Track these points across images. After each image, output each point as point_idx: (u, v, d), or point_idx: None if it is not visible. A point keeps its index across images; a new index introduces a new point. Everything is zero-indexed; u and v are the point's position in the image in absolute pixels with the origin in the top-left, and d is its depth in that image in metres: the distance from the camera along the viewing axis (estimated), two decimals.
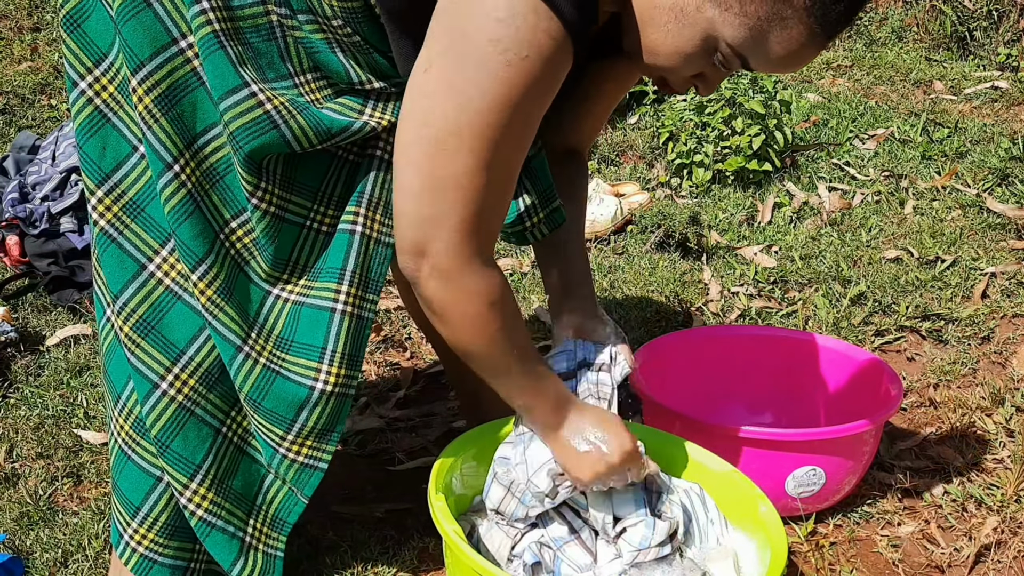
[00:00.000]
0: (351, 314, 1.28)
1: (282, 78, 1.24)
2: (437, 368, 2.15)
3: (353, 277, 1.28)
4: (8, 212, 2.50)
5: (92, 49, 1.27)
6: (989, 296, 2.37)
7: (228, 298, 1.27)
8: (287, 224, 1.28)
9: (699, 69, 1.16)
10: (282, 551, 1.38)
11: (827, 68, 4.20)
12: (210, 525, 1.32)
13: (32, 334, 2.24)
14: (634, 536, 1.30)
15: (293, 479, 1.33)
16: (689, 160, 3.07)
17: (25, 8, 4.16)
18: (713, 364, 1.87)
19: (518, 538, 1.35)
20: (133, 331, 1.28)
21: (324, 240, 1.31)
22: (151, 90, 1.22)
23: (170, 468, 1.30)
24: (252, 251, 1.28)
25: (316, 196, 1.30)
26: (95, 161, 1.28)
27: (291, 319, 1.29)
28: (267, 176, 1.25)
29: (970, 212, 2.78)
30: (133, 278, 1.28)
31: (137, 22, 1.21)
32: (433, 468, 1.35)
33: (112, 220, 1.28)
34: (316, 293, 1.29)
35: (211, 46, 1.20)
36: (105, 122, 1.28)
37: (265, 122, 1.20)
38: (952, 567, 1.57)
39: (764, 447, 1.55)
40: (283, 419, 1.29)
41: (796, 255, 2.57)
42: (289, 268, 1.30)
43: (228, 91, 1.20)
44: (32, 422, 1.92)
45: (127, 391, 1.32)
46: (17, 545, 1.59)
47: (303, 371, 1.28)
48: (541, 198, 1.39)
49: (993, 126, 3.38)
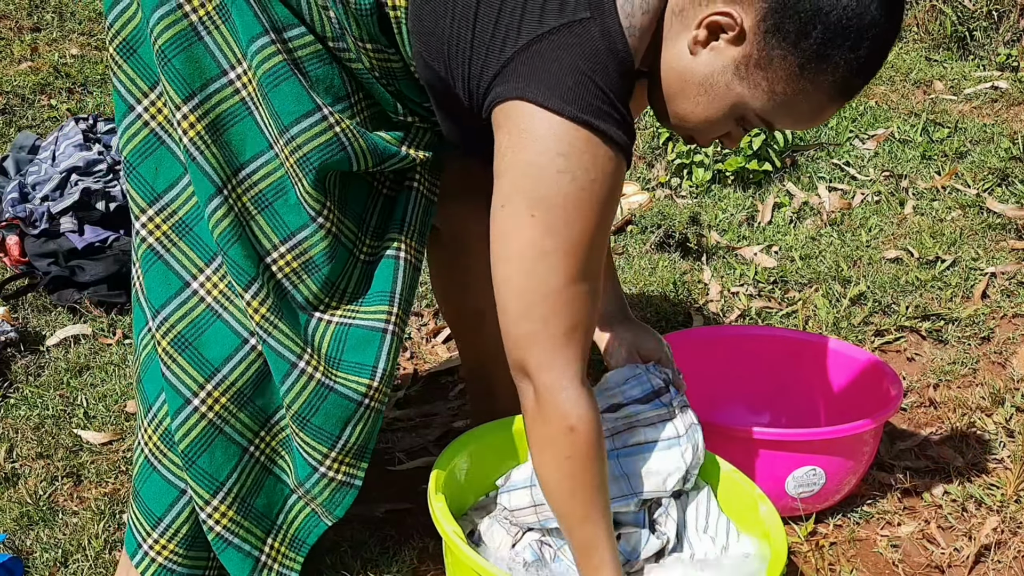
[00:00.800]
0: (396, 334, 1.34)
1: (339, 100, 1.30)
2: (437, 368, 2.15)
3: (400, 299, 1.35)
4: (8, 212, 2.50)
5: (148, 74, 1.32)
6: (989, 296, 2.37)
7: (280, 317, 1.31)
8: (341, 249, 1.34)
9: (726, 130, 1.21)
10: (297, 572, 1.41)
11: None
12: (226, 542, 1.35)
13: (32, 334, 2.24)
14: (627, 544, 1.31)
15: (327, 499, 1.37)
16: (689, 160, 3.07)
17: (25, 8, 4.16)
18: (713, 364, 1.87)
19: (518, 536, 1.35)
20: (171, 346, 1.31)
21: (366, 270, 1.37)
22: (202, 118, 1.27)
23: (194, 483, 1.32)
24: (301, 275, 1.33)
25: (360, 224, 1.36)
26: (148, 181, 1.33)
27: (336, 339, 1.34)
28: (330, 196, 1.31)
29: (970, 212, 2.78)
30: (176, 294, 1.32)
31: (188, 54, 1.27)
32: (433, 468, 1.35)
33: (160, 238, 1.33)
34: (365, 315, 1.34)
35: (284, 74, 1.26)
36: (160, 144, 1.33)
37: (336, 144, 1.27)
38: (952, 567, 1.57)
39: (764, 447, 1.55)
40: (329, 435, 1.33)
41: (796, 255, 2.57)
42: (336, 293, 1.35)
43: (303, 115, 1.26)
44: (32, 422, 1.92)
45: (159, 402, 1.34)
46: (17, 545, 1.59)
47: (355, 387, 1.32)
48: None
49: (993, 126, 3.38)
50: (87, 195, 2.49)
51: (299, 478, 1.36)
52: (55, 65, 3.70)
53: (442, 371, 2.14)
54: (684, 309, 2.34)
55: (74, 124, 2.71)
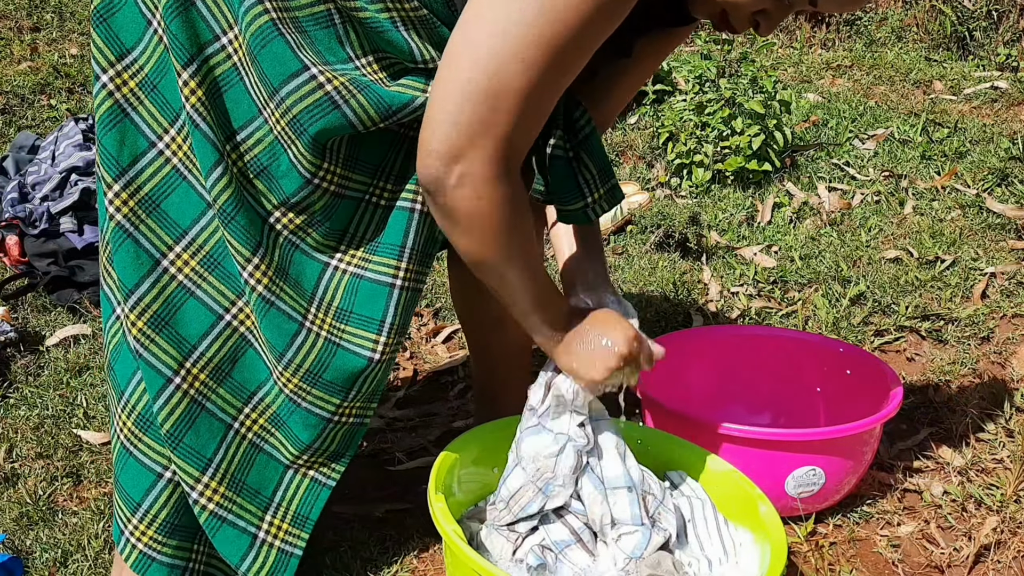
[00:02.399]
0: (407, 288, 1.32)
1: (342, 62, 1.25)
2: (437, 368, 2.15)
3: (412, 254, 1.31)
4: (8, 212, 2.50)
5: (116, 44, 1.29)
6: (989, 296, 2.37)
7: (284, 279, 1.30)
8: (346, 200, 1.30)
9: (764, 4, 1.17)
10: (301, 549, 1.40)
11: (827, 68, 4.20)
12: (220, 519, 1.34)
13: (32, 334, 2.24)
14: (628, 544, 1.31)
15: (340, 444, 1.37)
16: (689, 160, 3.07)
17: (25, 8, 4.17)
18: (713, 364, 1.87)
19: (519, 542, 1.35)
20: (147, 326, 1.30)
21: (382, 214, 1.33)
22: (201, 84, 1.25)
23: (182, 462, 1.31)
24: (306, 229, 1.30)
25: (376, 172, 1.32)
26: (113, 155, 1.30)
27: (349, 291, 1.32)
28: (330, 157, 1.27)
29: (970, 212, 2.78)
30: (148, 273, 1.30)
31: (183, 19, 1.24)
32: (433, 468, 1.35)
33: (128, 214, 1.30)
34: (375, 268, 1.31)
35: (269, 34, 1.22)
36: (124, 116, 1.30)
37: (327, 103, 1.21)
38: (952, 567, 1.57)
39: (764, 447, 1.55)
40: (342, 389, 1.33)
41: (796, 255, 2.57)
42: (346, 239, 1.32)
43: (289, 76, 1.22)
44: (32, 422, 1.92)
45: (131, 387, 1.33)
46: (17, 545, 1.59)
47: (362, 342, 1.31)
48: (600, 174, 1.39)
49: (993, 126, 3.38)
50: (87, 195, 2.49)
51: (305, 442, 1.35)
52: (55, 65, 3.70)
53: (442, 371, 2.15)
54: (684, 309, 2.34)
55: (74, 124, 2.71)
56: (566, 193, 1.37)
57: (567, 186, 1.36)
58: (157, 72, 1.30)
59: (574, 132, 1.36)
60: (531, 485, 1.32)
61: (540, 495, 1.32)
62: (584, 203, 1.37)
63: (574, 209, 1.38)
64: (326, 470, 1.39)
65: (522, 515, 1.33)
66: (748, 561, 1.36)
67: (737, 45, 3.41)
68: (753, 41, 4.07)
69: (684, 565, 1.34)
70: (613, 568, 1.30)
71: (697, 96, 3.16)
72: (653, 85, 3.53)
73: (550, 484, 1.31)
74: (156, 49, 1.30)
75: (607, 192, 1.39)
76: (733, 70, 3.23)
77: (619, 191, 1.40)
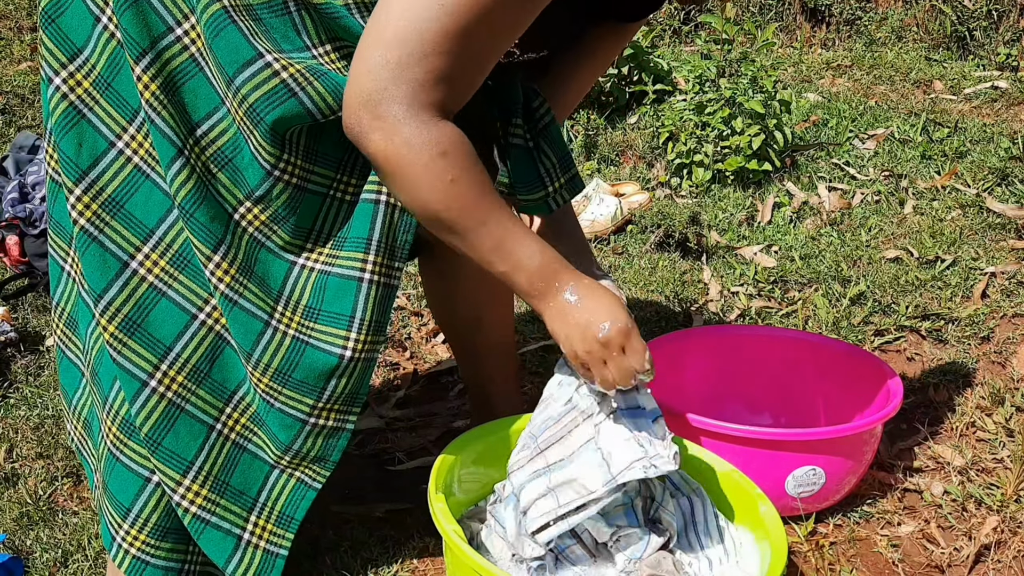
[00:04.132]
0: (378, 283, 1.28)
1: (298, 50, 1.23)
2: (437, 368, 2.15)
3: (379, 246, 1.28)
4: (8, 212, 2.50)
5: (66, 44, 1.27)
6: (989, 296, 2.37)
7: (249, 276, 1.28)
8: (309, 194, 1.28)
9: None
10: (286, 550, 1.38)
11: (827, 68, 4.20)
12: (203, 522, 1.33)
13: (32, 334, 2.24)
14: (627, 545, 1.31)
15: (320, 449, 1.33)
16: (689, 160, 3.07)
17: (25, 8, 4.17)
18: (713, 364, 1.87)
19: None
20: (119, 330, 1.28)
21: (347, 209, 1.30)
22: (156, 77, 1.23)
23: (162, 465, 1.30)
24: (272, 226, 1.28)
25: (339, 166, 1.29)
26: (72, 158, 1.27)
27: (318, 288, 1.29)
28: (290, 148, 1.24)
29: (970, 212, 2.78)
30: (116, 276, 1.28)
31: (134, 12, 1.22)
32: (433, 468, 1.35)
33: (92, 218, 1.27)
34: (342, 263, 1.28)
35: (222, 22, 1.20)
36: (80, 118, 1.27)
37: (283, 91, 1.19)
38: (952, 567, 1.57)
39: (764, 447, 1.55)
40: (313, 388, 1.29)
41: (796, 255, 2.57)
42: (312, 237, 1.30)
43: (243, 64, 1.20)
44: (32, 422, 1.92)
45: (113, 392, 1.32)
46: (17, 545, 1.59)
47: (332, 339, 1.28)
48: (561, 163, 1.37)
49: (993, 126, 3.38)
50: None
51: (284, 442, 1.32)
52: None
53: (442, 371, 2.14)
54: (684, 309, 2.34)
55: None
56: (527, 183, 1.35)
57: (528, 175, 1.35)
58: (110, 70, 1.27)
59: (534, 122, 1.35)
60: (552, 513, 1.26)
61: (557, 507, 1.26)
62: (545, 192, 1.36)
63: (535, 199, 1.37)
64: (311, 472, 1.36)
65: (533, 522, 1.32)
66: (748, 561, 1.36)
67: (737, 45, 3.41)
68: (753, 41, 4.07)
69: (684, 565, 1.34)
70: (613, 569, 1.30)
71: (697, 96, 3.16)
72: (653, 85, 3.53)
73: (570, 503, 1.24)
74: (107, 46, 1.27)
75: (568, 181, 1.38)
76: (733, 70, 3.23)
77: (579, 181, 1.39)
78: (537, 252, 1.18)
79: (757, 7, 4.83)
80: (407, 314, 2.36)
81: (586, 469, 1.25)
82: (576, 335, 1.19)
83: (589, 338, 1.19)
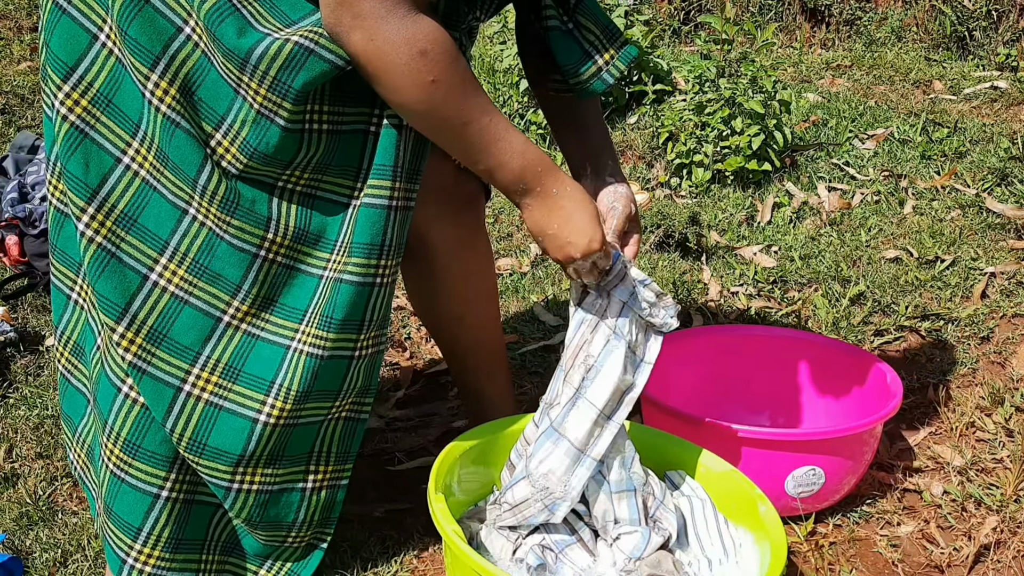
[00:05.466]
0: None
1: (309, 14, 1.23)
2: (437, 368, 2.15)
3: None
4: (7, 212, 2.50)
5: (58, 65, 1.27)
6: (989, 296, 2.37)
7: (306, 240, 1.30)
8: (347, 135, 1.27)
9: None
10: (325, 543, 1.45)
11: (827, 68, 4.20)
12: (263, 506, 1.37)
13: (32, 334, 2.24)
14: (627, 544, 1.31)
15: (348, 432, 1.40)
16: (689, 160, 3.07)
17: (25, 8, 4.17)
18: (713, 364, 1.87)
19: (519, 542, 1.35)
20: (146, 341, 1.29)
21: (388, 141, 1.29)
22: (173, 81, 1.23)
23: (210, 463, 1.32)
24: (317, 178, 1.28)
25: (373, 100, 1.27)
26: (80, 178, 1.27)
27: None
28: (314, 98, 1.23)
29: (970, 212, 2.78)
30: (138, 290, 1.29)
31: (141, 20, 1.22)
32: (433, 468, 1.35)
33: (107, 235, 1.28)
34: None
35: (224, 11, 1.19)
36: (84, 137, 1.27)
37: (300, 52, 1.18)
38: (952, 567, 1.57)
39: (764, 447, 1.55)
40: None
41: (796, 255, 2.57)
42: (361, 175, 1.29)
43: (253, 45, 1.19)
44: (32, 422, 1.92)
45: (113, 415, 1.33)
46: (17, 545, 1.59)
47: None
48: (605, 34, 1.35)
49: (993, 126, 3.38)
50: None
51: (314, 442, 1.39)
52: None
53: (442, 371, 2.14)
54: (684, 309, 2.34)
55: None
56: (575, 63, 1.33)
57: (574, 55, 1.33)
58: (110, 86, 1.27)
59: (565, 1, 1.34)
60: (538, 502, 1.31)
61: (545, 511, 1.31)
62: (596, 67, 1.34)
63: (588, 76, 1.35)
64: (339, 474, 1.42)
65: (525, 524, 1.33)
66: (748, 561, 1.36)
67: (737, 45, 3.41)
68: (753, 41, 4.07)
69: (684, 565, 1.34)
70: (613, 568, 1.30)
71: (697, 96, 3.16)
72: (653, 85, 3.54)
73: (558, 503, 1.30)
74: (106, 62, 1.27)
75: (618, 50, 1.36)
76: (733, 70, 3.23)
77: (630, 47, 1.36)
78: (519, 152, 1.20)
79: (757, 7, 4.83)
80: (407, 314, 2.36)
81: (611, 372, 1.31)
82: (551, 245, 1.26)
83: (562, 255, 1.26)
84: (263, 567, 1.43)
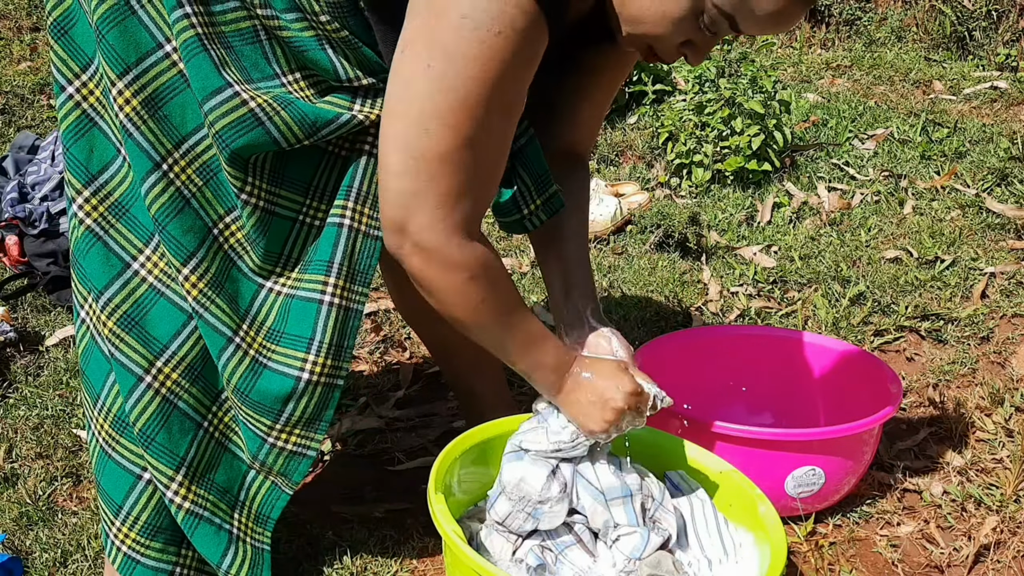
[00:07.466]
0: (339, 305, 1.31)
1: (268, 78, 1.26)
2: (437, 368, 2.15)
3: (340, 269, 1.31)
4: (7, 212, 2.50)
5: (79, 55, 1.30)
6: (988, 296, 2.37)
7: (219, 291, 1.30)
8: (278, 218, 1.31)
9: (687, 35, 1.17)
10: (268, 545, 1.40)
11: (827, 68, 4.20)
12: (197, 517, 1.34)
13: (31, 334, 2.24)
14: (627, 545, 1.31)
15: (281, 467, 1.36)
16: (688, 160, 3.07)
17: (25, 8, 4.17)
18: (713, 364, 1.87)
19: (519, 543, 1.35)
20: (117, 326, 1.30)
21: (316, 234, 1.33)
22: (138, 93, 1.25)
23: (155, 461, 1.32)
24: (245, 246, 1.31)
25: (308, 191, 1.32)
26: (82, 163, 1.31)
27: (282, 311, 1.32)
28: (255, 172, 1.27)
29: (969, 212, 2.78)
30: (118, 275, 1.31)
31: (122, 28, 1.24)
32: (433, 468, 1.35)
33: (98, 219, 1.31)
34: (305, 285, 1.31)
35: (194, 49, 1.22)
36: (92, 125, 1.31)
37: (250, 120, 1.22)
38: (951, 567, 1.57)
39: (764, 447, 1.55)
40: (270, 410, 1.32)
41: (795, 255, 2.57)
42: (281, 262, 1.33)
43: (211, 92, 1.22)
44: (31, 422, 1.92)
45: (105, 390, 1.34)
46: (16, 545, 1.59)
47: (290, 361, 1.30)
48: (536, 184, 1.38)
49: (992, 126, 3.38)
50: None
51: (251, 451, 1.35)
52: None
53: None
54: (684, 309, 2.34)
55: None
56: (501, 204, 1.37)
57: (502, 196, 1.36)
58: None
59: None
60: (520, 512, 1.32)
61: (530, 519, 1.32)
62: (520, 215, 1.38)
63: (511, 221, 1.39)
64: (282, 481, 1.38)
65: (517, 532, 1.34)
66: (748, 561, 1.36)
67: (737, 45, 3.41)
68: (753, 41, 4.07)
69: (684, 565, 1.34)
70: (613, 569, 1.30)
71: (697, 96, 3.16)
72: (653, 85, 3.53)
73: (538, 509, 1.31)
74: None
75: (544, 202, 1.39)
76: (733, 70, 3.24)
77: (558, 200, 1.40)
78: (552, 357, 1.27)
79: None
80: None
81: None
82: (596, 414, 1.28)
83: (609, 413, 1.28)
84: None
